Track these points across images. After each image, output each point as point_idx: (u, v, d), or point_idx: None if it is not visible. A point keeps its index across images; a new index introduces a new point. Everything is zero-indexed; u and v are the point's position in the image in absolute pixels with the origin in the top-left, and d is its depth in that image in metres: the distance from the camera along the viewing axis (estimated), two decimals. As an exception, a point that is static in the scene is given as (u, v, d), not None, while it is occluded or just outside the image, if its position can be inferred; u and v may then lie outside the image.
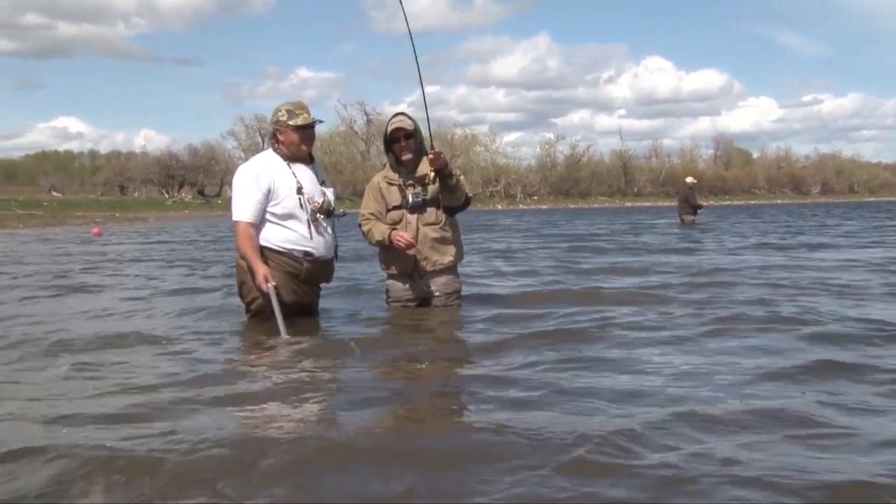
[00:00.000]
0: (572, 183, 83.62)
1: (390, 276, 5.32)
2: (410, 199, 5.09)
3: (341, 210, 5.08)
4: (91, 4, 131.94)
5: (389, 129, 5.15)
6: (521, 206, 69.12)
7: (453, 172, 4.98)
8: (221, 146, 79.04)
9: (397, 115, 5.24)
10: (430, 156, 4.83)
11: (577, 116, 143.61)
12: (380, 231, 5.11)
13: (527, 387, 3.36)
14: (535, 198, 79.30)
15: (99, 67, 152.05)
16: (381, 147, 5.57)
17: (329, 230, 4.98)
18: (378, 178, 5.28)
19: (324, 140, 76.04)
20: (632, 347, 4.24)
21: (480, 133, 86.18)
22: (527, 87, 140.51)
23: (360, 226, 5.26)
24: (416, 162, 5.13)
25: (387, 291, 5.42)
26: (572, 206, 70.83)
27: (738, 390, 3.29)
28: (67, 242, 18.32)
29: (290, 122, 4.83)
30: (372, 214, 5.19)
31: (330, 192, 5.01)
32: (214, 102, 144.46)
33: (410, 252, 5.07)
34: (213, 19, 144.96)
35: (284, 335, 4.41)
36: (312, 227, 4.85)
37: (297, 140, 4.86)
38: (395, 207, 5.15)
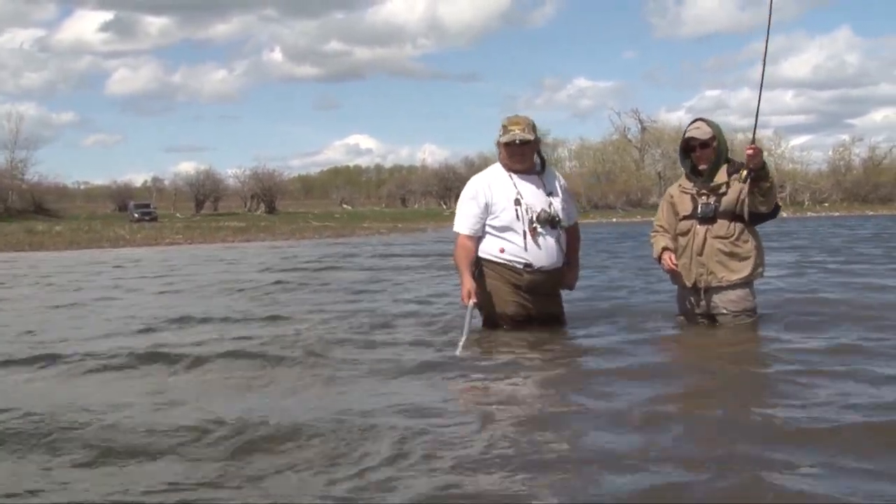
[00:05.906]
0: (871, 188, 76.13)
1: (679, 289, 5.05)
2: (700, 209, 4.77)
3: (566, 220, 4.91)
4: (385, 29, 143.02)
5: (685, 136, 4.89)
6: (808, 214, 63.73)
7: (769, 175, 4.55)
8: (496, 157, 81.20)
9: (695, 121, 4.90)
10: (750, 151, 4.46)
11: (878, 115, 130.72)
12: (657, 246, 4.98)
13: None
14: (826, 204, 73.10)
15: (388, 87, 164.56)
16: (656, 156, 5.13)
17: (551, 239, 4.85)
18: (673, 188, 5.10)
19: (596, 149, 75.88)
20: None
21: (764, 137, 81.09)
22: (818, 87, 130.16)
23: (650, 236, 5.12)
24: (712, 171, 4.79)
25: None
26: (870, 212, 64.04)
27: None
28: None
29: (499, 139, 4.89)
30: (661, 226, 5.05)
31: (557, 202, 4.89)
32: (492, 116, 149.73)
33: (689, 266, 4.79)
34: (495, 35, 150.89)
35: (458, 351, 4.42)
36: (529, 238, 4.80)
37: (506, 155, 4.91)
38: (685, 217, 4.87)
